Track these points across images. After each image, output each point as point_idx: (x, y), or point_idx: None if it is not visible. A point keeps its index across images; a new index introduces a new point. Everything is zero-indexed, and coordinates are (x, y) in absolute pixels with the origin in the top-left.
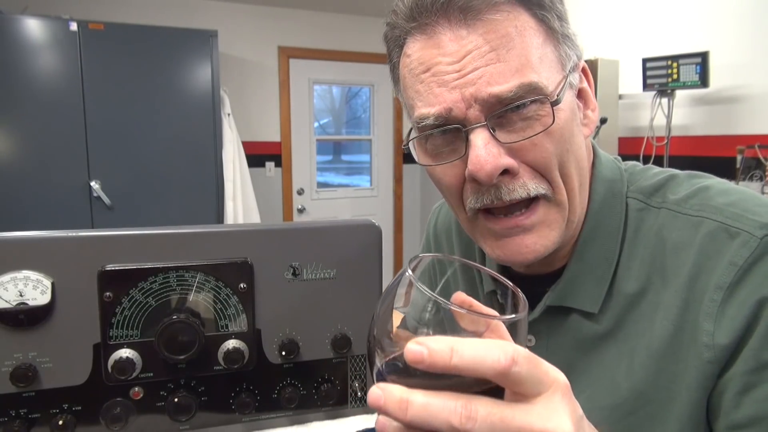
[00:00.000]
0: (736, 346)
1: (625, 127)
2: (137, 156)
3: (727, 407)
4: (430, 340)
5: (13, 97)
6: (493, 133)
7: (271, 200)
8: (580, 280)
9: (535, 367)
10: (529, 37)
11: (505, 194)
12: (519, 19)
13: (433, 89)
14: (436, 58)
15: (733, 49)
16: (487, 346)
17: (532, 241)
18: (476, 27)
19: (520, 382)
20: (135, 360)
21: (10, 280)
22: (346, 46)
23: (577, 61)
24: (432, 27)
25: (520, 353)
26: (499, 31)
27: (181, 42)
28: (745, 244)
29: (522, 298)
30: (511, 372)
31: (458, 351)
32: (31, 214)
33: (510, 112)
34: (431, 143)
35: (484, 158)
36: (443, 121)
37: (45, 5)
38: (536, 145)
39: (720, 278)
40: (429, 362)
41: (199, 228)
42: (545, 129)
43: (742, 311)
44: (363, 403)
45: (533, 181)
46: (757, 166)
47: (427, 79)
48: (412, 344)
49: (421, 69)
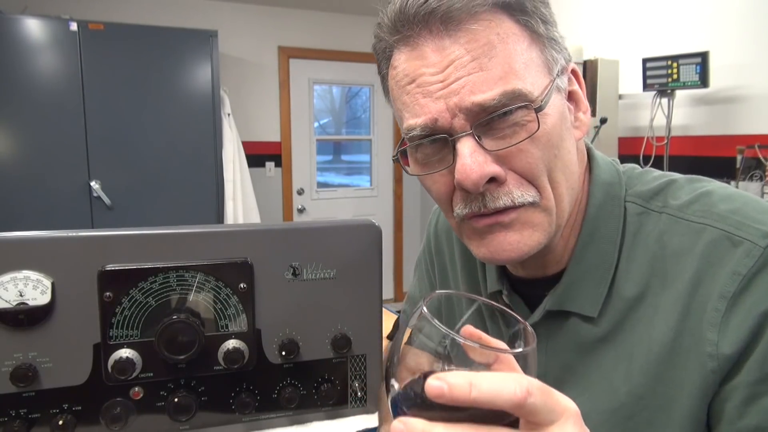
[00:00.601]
0: (740, 356)
1: (625, 127)
2: (137, 156)
3: (731, 416)
4: (449, 375)
5: (13, 98)
6: (479, 141)
7: (271, 200)
8: (578, 283)
9: (548, 397)
10: (513, 44)
11: (490, 201)
12: (501, 27)
13: (419, 100)
14: (420, 69)
15: (733, 49)
16: (503, 379)
17: (515, 239)
18: (458, 37)
19: (535, 412)
20: (135, 360)
21: (10, 280)
22: (346, 46)
23: (564, 64)
24: (415, 39)
25: (534, 385)
26: (481, 40)
27: (181, 42)
28: (749, 254)
29: (531, 332)
30: (527, 403)
31: (476, 385)
32: (31, 214)
33: (496, 119)
34: (421, 153)
35: (470, 167)
36: (429, 131)
37: (45, 5)
38: (523, 152)
39: (723, 287)
40: (449, 396)
41: (199, 228)
42: (530, 135)
43: (747, 322)
44: (363, 403)
45: (519, 189)
46: (757, 166)
47: (412, 91)
48: (433, 380)
49: (406, 81)
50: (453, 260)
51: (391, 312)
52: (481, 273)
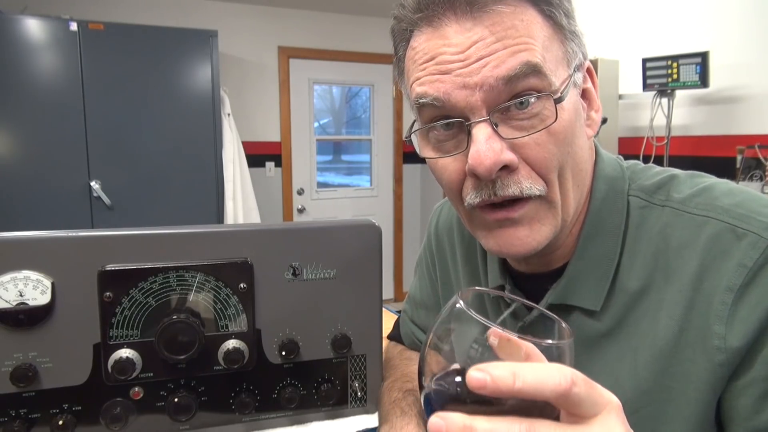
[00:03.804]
0: (749, 350)
1: (625, 127)
2: (137, 156)
3: (746, 412)
4: (491, 366)
5: (13, 97)
6: (496, 129)
7: (271, 200)
8: (581, 278)
9: (591, 389)
10: (536, 31)
11: (499, 189)
12: (525, 14)
13: (434, 74)
14: (441, 48)
15: (733, 49)
16: (548, 368)
17: (524, 233)
18: (482, 19)
19: (579, 403)
20: (135, 360)
21: (10, 280)
22: (346, 46)
23: (582, 60)
24: (438, 18)
25: (578, 375)
26: (505, 23)
27: (181, 42)
28: (754, 246)
29: (567, 327)
30: (572, 393)
31: (520, 375)
32: (31, 214)
33: (513, 109)
34: (434, 135)
35: (485, 153)
36: (442, 108)
37: (45, 5)
38: (539, 145)
39: (730, 280)
40: (492, 387)
41: (199, 228)
42: (547, 126)
43: (755, 314)
44: (363, 403)
45: (528, 180)
46: (757, 166)
47: (429, 67)
48: (474, 371)
49: (425, 58)
50: (454, 257)
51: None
52: (483, 269)
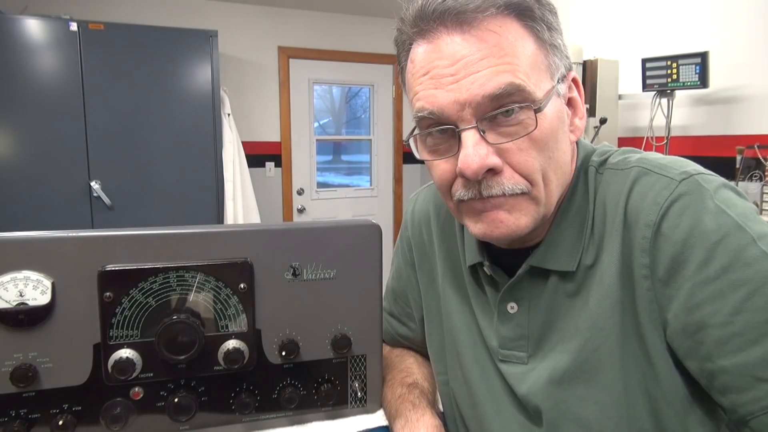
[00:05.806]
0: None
1: (624, 127)
2: (137, 156)
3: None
4: None
5: (13, 98)
6: (483, 135)
7: (271, 200)
8: (558, 243)
9: None
10: (520, 47)
11: (484, 189)
12: (511, 31)
13: (430, 90)
14: (434, 62)
15: (733, 49)
16: None
17: (506, 217)
18: (470, 34)
19: None
20: (135, 360)
21: (10, 280)
22: (346, 46)
23: (565, 72)
24: (432, 33)
25: None
26: (491, 41)
27: (181, 42)
28: (667, 186)
29: None
30: None
31: None
32: (31, 214)
33: (499, 116)
34: (430, 140)
35: (472, 158)
36: (437, 118)
37: (45, 5)
38: (521, 150)
39: (647, 217)
40: None
41: (199, 228)
42: (528, 133)
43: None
44: (363, 403)
45: (511, 181)
46: (756, 166)
47: (425, 81)
48: None
49: (421, 72)
50: (431, 239)
51: None
52: (461, 246)
